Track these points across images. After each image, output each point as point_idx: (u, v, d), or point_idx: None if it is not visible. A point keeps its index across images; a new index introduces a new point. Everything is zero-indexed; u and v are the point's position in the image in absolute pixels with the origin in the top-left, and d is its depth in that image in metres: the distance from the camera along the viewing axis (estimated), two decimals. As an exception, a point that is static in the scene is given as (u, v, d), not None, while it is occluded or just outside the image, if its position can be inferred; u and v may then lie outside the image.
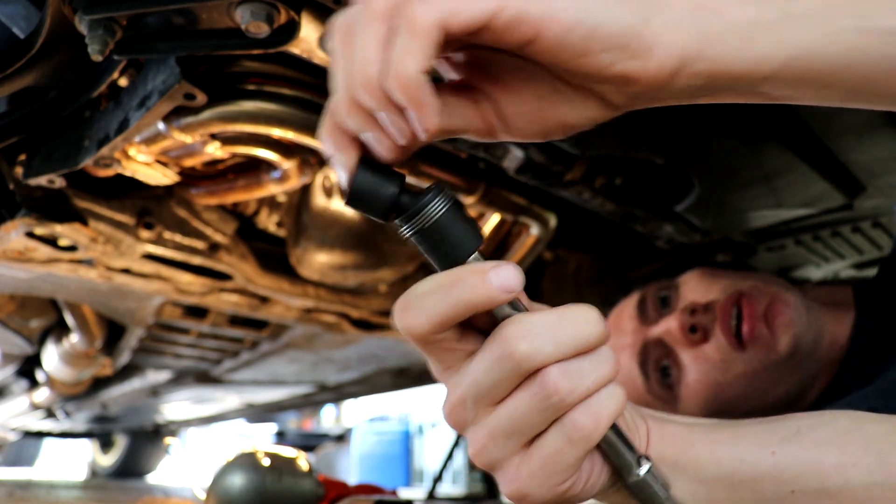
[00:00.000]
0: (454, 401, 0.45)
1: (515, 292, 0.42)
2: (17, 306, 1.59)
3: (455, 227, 0.43)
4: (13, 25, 0.81)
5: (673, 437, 0.53)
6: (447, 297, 0.42)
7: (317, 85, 0.93)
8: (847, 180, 1.12)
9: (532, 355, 0.42)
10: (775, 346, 0.95)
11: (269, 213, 1.35)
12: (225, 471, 1.48)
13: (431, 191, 0.43)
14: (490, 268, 0.42)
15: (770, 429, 0.54)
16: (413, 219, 0.42)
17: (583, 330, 0.43)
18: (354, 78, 0.39)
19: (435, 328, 0.43)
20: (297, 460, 1.54)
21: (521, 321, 0.43)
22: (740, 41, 0.40)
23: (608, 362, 0.45)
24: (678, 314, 1.02)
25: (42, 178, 0.96)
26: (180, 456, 5.94)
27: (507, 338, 0.42)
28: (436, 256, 0.43)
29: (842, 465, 0.50)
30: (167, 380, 2.20)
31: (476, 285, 0.41)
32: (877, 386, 0.90)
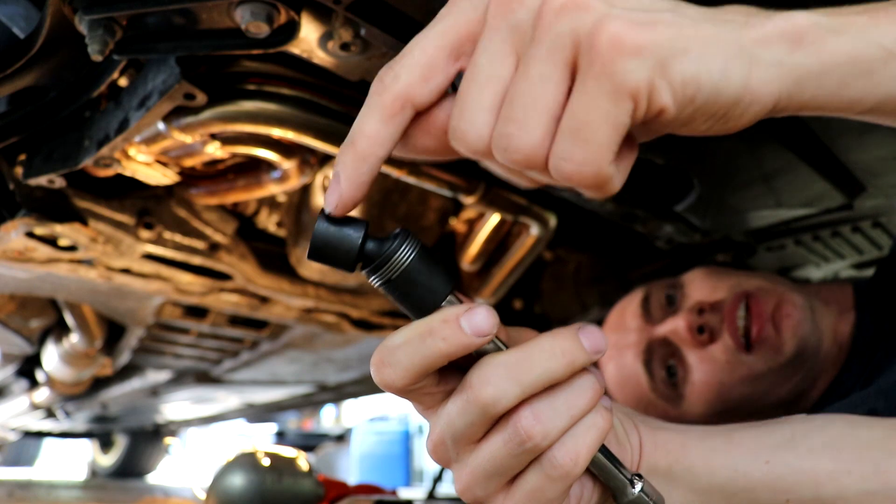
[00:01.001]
0: (434, 440, 0.46)
1: (489, 336, 0.41)
2: (18, 306, 1.59)
3: (424, 273, 0.42)
4: (13, 25, 0.81)
5: (666, 446, 0.53)
6: (420, 349, 0.42)
7: (317, 85, 0.93)
8: (847, 180, 1.12)
9: (497, 400, 0.42)
10: (781, 349, 0.95)
11: (269, 213, 1.35)
12: (225, 471, 1.48)
13: (397, 238, 0.42)
14: (461, 314, 0.41)
15: (764, 435, 0.53)
16: (380, 270, 0.41)
17: (549, 366, 0.42)
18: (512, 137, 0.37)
19: (412, 381, 0.43)
20: (297, 460, 1.54)
21: (486, 365, 0.42)
22: (837, 85, 0.38)
23: (585, 393, 0.44)
24: (686, 314, 1.01)
25: (42, 178, 0.96)
26: (180, 456, 5.93)
27: (472, 385, 0.42)
28: (407, 305, 0.43)
29: (836, 473, 0.50)
30: (167, 380, 2.20)
31: (448, 335, 0.41)
32: (878, 386, 0.90)
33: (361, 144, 0.40)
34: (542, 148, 0.36)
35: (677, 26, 0.35)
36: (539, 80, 0.36)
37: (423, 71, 0.39)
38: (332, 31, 0.71)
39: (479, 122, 0.37)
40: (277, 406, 3.03)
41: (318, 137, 0.93)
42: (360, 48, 0.73)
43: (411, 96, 0.40)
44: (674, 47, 0.34)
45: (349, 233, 0.42)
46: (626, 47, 0.34)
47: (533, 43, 0.36)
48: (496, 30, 0.38)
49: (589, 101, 0.35)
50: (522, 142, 0.36)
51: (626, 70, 0.34)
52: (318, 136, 0.93)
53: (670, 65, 0.34)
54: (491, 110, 0.37)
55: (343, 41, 0.72)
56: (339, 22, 0.71)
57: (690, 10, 0.37)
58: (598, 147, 0.35)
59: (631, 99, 0.34)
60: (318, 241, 0.41)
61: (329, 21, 0.71)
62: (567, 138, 0.35)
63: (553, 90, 0.36)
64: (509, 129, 0.36)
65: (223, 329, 1.65)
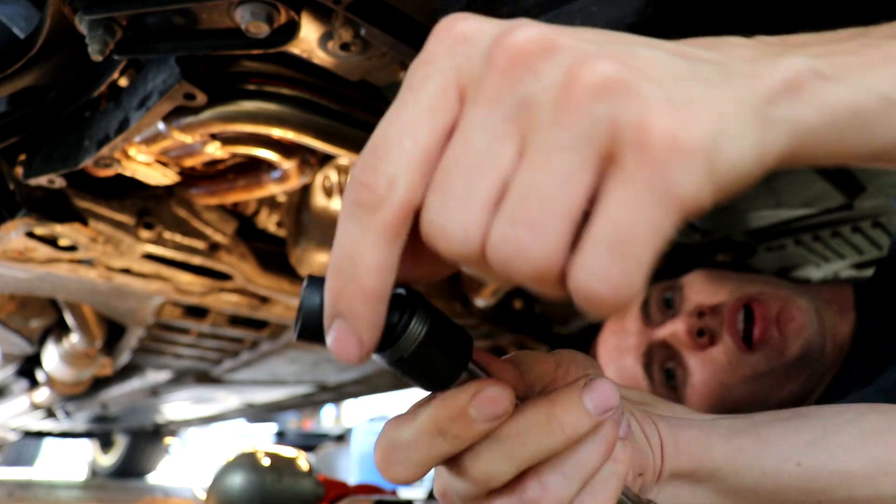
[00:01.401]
0: (439, 492, 0.43)
1: (504, 416, 0.37)
2: (18, 306, 1.59)
3: (438, 348, 0.36)
4: (13, 26, 0.81)
5: (689, 447, 0.50)
6: (432, 449, 0.38)
7: (317, 85, 0.93)
8: (847, 180, 1.12)
9: (491, 478, 0.38)
10: (785, 350, 0.95)
11: (269, 213, 1.35)
12: (225, 471, 1.48)
13: (406, 308, 0.35)
14: (469, 402, 0.36)
15: (793, 432, 0.50)
16: (389, 349, 0.35)
17: (546, 443, 0.38)
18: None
19: (423, 475, 0.39)
20: (297, 460, 1.54)
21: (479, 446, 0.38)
22: (837, 139, 0.33)
23: (597, 449, 0.39)
24: (685, 317, 1.01)
25: (42, 177, 0.96)
26: (180, 456, 5.93)
27: (463, 461, 0.39)
28: (418, 382, 0.38)
29: (871, 472, 0.48)
30: (167, 380, 2.20)
31: (460, 432, 0.37)
32: (878, 385, 0.90)
33: (370, 282, 0.31)
34: (559, 261, 0.28)
35: (711, 102, 0.29)
36: (563, 174, 0.28)
37: (424, 168, 0.30)
38: (332, 31, 0.71)
39: (469, 219, 0.29)
40: (277, 406, 3.03)
41: (318, 137, 0.93)
42: (360, 48, 0.73)
43: (416, 205, 0.31)
44: (716, 137, 0.28)
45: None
46: (681, 147, 0.27)
47: (555, 127, 0.28)
48: (496, 102, 0.29)
49: (635, 209, 0.27)
50: (535, 252, 0.28)
51: (683, 175, 0.27)
52: (318, 136, 0.93)
53: (717, 160, 0.28)
54: (485, 206, 0.29)
55: (343, 41, 0.72)
56: (339, 22, 0.71)
57: (704, 66, 0.31)
58: (638, 265, 0.27)
59: (683, 210, 0.28)
60: (309, 318, 0.35)
61: (329, 21, 0.71)
62: (602, 252, 0.28)
63: (581, 189, 0.28)
64: (517, 234, 0.28)
65: (223, 329, 1.65)
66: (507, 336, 1.73)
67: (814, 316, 0.97)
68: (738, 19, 0.70)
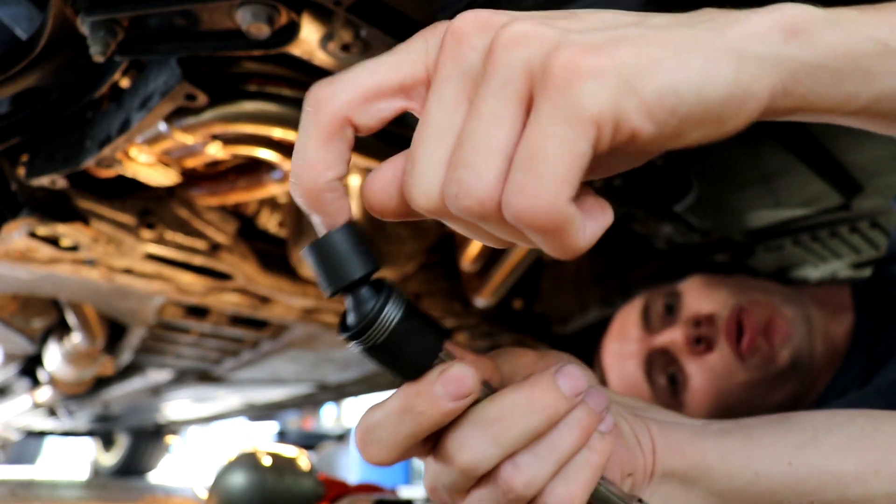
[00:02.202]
0: (428, 486, 0.45)
1: (470, 395, 0.38)
2: (20, 306, 1.60)
3: (412, 333, 0.38)
4: (15, 27, 0.81)
5: (681, 447, 0.50)
6: (401, 426, 0.39)
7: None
8: (845, 180, 1.12)
9: (478, 463, 0.40)
10: (775, 358, 0.98)
11: (269, 214, 1.35)
12: (226, 470, 1.48)
13: (381, 294, 0.38)
14: (435, 380, 0.38)
15: (784, 433, 0.51)
16: (363, 335, 0.37)
17: (529, 423, 0.39)
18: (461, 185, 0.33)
19: (399, 456, 0.41)
20: (298, 459, 1.55)
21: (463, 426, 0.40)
22: (832, 79, 0.35)
23: (571, 433, 0.41)
24: (683, 326, 1.05)
25: (44, 178, 0.97)
26: (181, 455, 5.94)
27: (450, 448, 0.40)
28: (393, 369, 0.39)
29: (862, 473, 0.48)
30: (168, 379, 2.21)
31: (425, 408, 0.38)
32: (875, 385, 0.91)
33: (307, 178, 0.37)
34: (494, 190, 0.32)
35: (643, 38, 0.32)
36: (490, 118, 0.32)
37: (367, 92, 0.36)
38: (332, 33, 0.72)
39: (430, 177, 0.34)
40: (278, 405, 3.04)
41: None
42: (361, 49, 0.74)
43: (350, 117, 0.36)
44: (640, 62, 0.31)
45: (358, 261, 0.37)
46: (583, 70, 0.31)
47: (483, 83, 0.33)
48: (447, 78, 0.34)
49: (544, 129, 0.31)
50: (472, 185, 0.32)
51: (585, 94, 0.30)
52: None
53: (640, 81, 0.31)
54: (442, 164, 0.34)
55: (343, 42, 0.72)
56: (340, 23, 0.71)
57: (658, 18, 0.35)
58: (553, 178, 0.31)
59: (593, 125, 0.31)
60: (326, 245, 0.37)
61: (329, 22, 0.71)
62: (519, 170, 0.31)
63: (505, 127, 0.32)
64: (459, 174, 0.33)
65: (224, 329, 1.66)
66: (507, 336, 1.73)
67: (800, 325, 1.00)
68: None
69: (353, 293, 0.38)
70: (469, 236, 0.38)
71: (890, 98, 0.36)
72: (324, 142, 0.36)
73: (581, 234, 0.33)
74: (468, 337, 1.71)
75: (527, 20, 0.33)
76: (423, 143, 0.35)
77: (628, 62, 0.31)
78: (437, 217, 0.36)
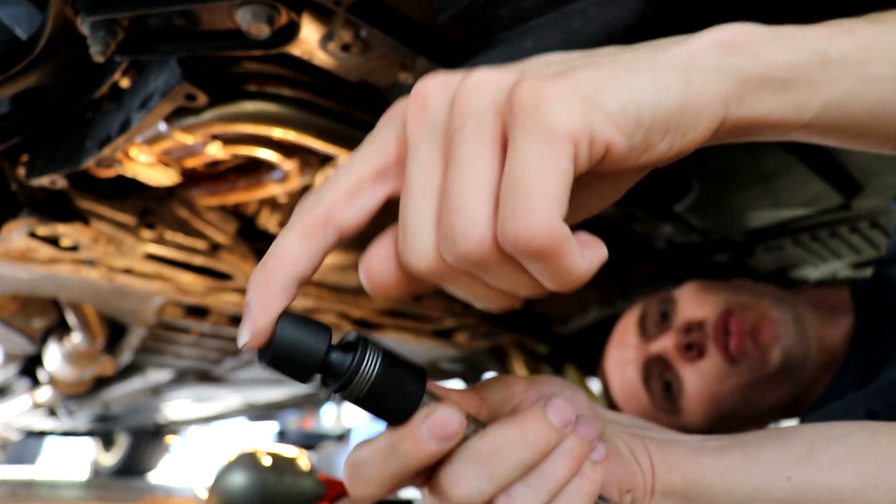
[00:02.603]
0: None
1: (454, 437, 0.39)
2: (20, 306, 1.60)
3: (392, 382, 0.39)
4: (15, 27, 0.82)
5: (680, 466, 0.50)
6: (386, 466, 0.40)
7: (317, 86, 0.93)
8: (845, 180, 1.12)
9: (470, 500, 0.40)
10: (766, 361, 1.00)
11: (270, 214, 1.35)
12: (226, 470, 1.48)
13: (358, 348, 0.38)
14: (421, 423, 0.39)
15: (782, 448, 0.51)
16: (346, 389, 0.38)
17: (522, 457, 0.40)
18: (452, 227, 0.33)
19: (386, 493, 0.41)
20: (298, 459, 1.55)
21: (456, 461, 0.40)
22: (777, 88, 0.36)
23: (563, 463, 0.41)
24: (674, 333, 1.08)
25: (44, 178, 0.97)
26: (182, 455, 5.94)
27: (443, 486, 0.40)
28: (381, 416, 0.40)
29: (861, 487, 0.48)
30: (169, 379, 2.21)
31: (410, 451, 0.39)
32: (875, 386, 0.91)
33: (271, 263, 0.37)
34: (488, 227, 0.32)
35: (594, 64, 0.34)
36: (469, 161, 0.33)
37: (347, 191, 0.37)
38: (332, 33, 0.72)
39: (422, 236, 0.34)
40: (278, 405, 3.04)
41: (319, 138, 0.94)
42: (361, 49, 0.74)
43: (333, 215, 0.37)
44: (597, 81, 0.33)
45: (314, 339, 0.37)
46: (547, 94, 0.32)
47: (455, 133, 0.34)
48: (419, 141, 0.35)
49: (524, 154, 0.32)
50: (465, 227, 0.32)
51: (555, 113, 0.32)
52: (319, 137, 0.94)
53: (601, 96, 0.33)
54: (432, 221, 0.34)
55: (343, 42, 0.72)
56: (340, 23, 0.71)
57: (604, 50, 0.37)
58: (541, 196, 0.31)
59: (570, 141, 0.32)
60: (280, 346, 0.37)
61: (329, 22, 0.71)
62: (508, 198, 0.32)
63: (486, 166, 0.33)
64: (450, 222, 0.33)
65: (224, 329, 1.66)
66: (507, 336, 1.73)
67: (790, 326, 1.01)
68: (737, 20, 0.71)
69: (325, 369, 0.39)
70: (474, 302, 0.38)
71: (839, 107, 0.37)
72: (302, 237, 0.37)
73: (579, 259, 0.33)
74: (468, 337, 1.71)
75: (483, 70, 0.34)
76: (410, 206, 0.35)
77: (586, 82, 0.33)
78: (439, 280, 0.36)
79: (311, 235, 0.37)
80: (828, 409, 0.90)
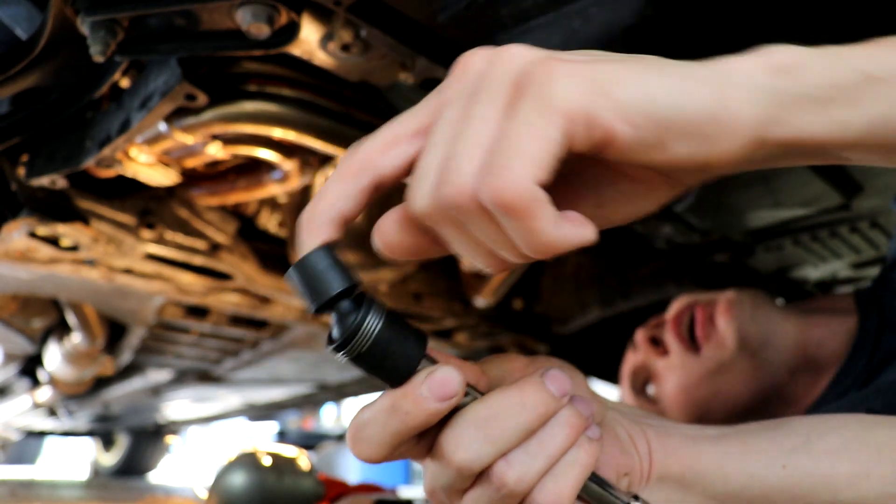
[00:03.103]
0: (427, 490, 0.46)
1: (455, 397, 0.40)
2: (20, 306, 1.60)
3: (395, 340, 0.40)
4: (15, 27, 0.82)
5: (678, 452, 0.51)
6: (388, 425, 0.41)
7: (317, 86, 0.93)
8: (844, 180, 1.12)
9: (472, 462, 0.41)
10: (723, 342, 1.05)
11: (269, 214, 1.35)
12: (226, 470, 1.48)
13: (362, 306, 0.40)
14: (422, 382, 0.40)
15: (779, 437, 0.52)
16: (348, 345, 0.39)
17: (521, 421, 0.41)
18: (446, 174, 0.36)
19: (388, 454, 0.42)
20: (298, 459, 1.55)
21: (458, 426, 0.42)
22: (818, 106, 0.37)
23: (561, 431, 0.43)
24: (642, 330, 1.17)
25: (44, 178, 0.97)
26: (182, 455, 5.94)
27: (446, 449, 0.42)
28: (380, 376, 0.41)
29: (854, 476, 0.49)
30: (168, 379, 2.21)
31: (411, 409, 0.40)
32: (875, 386, 0.91)
33: (314, 202, 0.41)
34: (473, 178, 0.35)
35: (622, 61, 0.36)
36: (477, 119, 0.36)
37: (385, 143, 0.40)
38: (332, 33, 0.72)
39: (426, 180, 0.37)
40: (278, 405, 3.04)
41: (318, 138, 0.94)
42: (361, 49, 0.74)
43: (371, 161, 0.40)
44: (615, 73, 0.35)
45: (339, 277, 0.40)
46: (559, 73, 0.35)
47: (477, 93, 0.37)
48: (452, 99, 0.39)
49: (519, 119, 0.35)
50: (453, 175, 0.35)
51: (558, 89, 0.34)
52: (318, 137, 0.94)
53: (612, 86, 0.35)
54: (437, 167, 0.37)
55: (343, 42, 0.72)
56: (340, 23, 0.71)
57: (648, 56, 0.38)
58: (521, 158, 0.34)
59: (563, 117, 0.34)
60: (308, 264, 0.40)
61: (329, 22, 0.71)
62: (493, 154, 0.35)
63: (489, 125, 0.36)
64: (445, 168, 0.36)
65: (224, 329, 1.66)
66: (507, 336, 1.73)
67: (747, 308, 1.06)
68: (737, 20, 0.71)
69: (335, 308, 0.40)
70: (466, 256, 0.40)
71: (884, 125, 0.37)
72: (341, 179, 0.41)
73: (550, 225, 0.35)
74: (468, 337, 1.71)
75: (519, 46, 0.38)
76: (425, 154, 0.38)
77: (603, 72, 0.35)
78: (432, 224, 0.38)
79: (349, 177, 0.40)
80: (828, 409, 0.91)
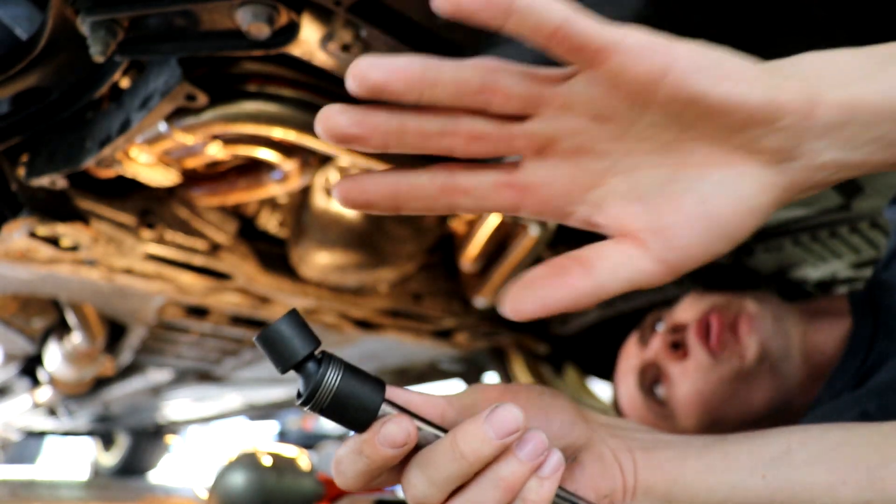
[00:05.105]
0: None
1: (405, 444, 0.43)
2: (20, 306, 1.60)
3: (352, 393, 0.44)
4: (15, 27, 0.82)
5: (662, 467, 0.52)
6: (357, 464, 0.45)
7: (317, 86, 0.93)
8: (844, 181, 1.12)
9: (425, 499, 0.44)
10: (744, 353, 1.03)
11: (270, 214, 1.35)
12: (226, 470, 1.48)
13: (320, 364, 0.43)
14: (377, 432, 0.43)
15: (760, 448, 0.53)
16: (312, 400, 0.43)
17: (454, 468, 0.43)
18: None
19: (364, 485, 0.46)
20: (298, 459, 1.55)
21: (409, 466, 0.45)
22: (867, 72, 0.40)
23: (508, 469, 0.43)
24: (662, 334, 1.14)
25: (44, 178, 0.97)
26: (182, 455, 5.94)
27: (403, 486, 0.46)
28: (346, 425, 0.45)
29: (832, 484, 0.50)
30: (169, 379, 2.21)
31: (371, 454, 0.44)
32: (869, 387, 0.91)
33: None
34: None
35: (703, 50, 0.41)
36: None
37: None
38: (332, 33, 0.72)
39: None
40: (278, 405, 3.04)
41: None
42: (361, 49, 0.74)
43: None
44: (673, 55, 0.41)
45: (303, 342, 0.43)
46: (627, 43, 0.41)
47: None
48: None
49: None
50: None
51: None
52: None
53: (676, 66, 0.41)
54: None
55: (344, 42, 0.72)
56: (340, 23, 0.71)
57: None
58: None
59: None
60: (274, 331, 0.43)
61: (330, 22, 0.71)
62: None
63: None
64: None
65: (224, 329, 1.66)
66: (507, 336, 1.73)
67: (768, 321, 1.04)
68: (737, 20, 0.71)
69: (300, 370, 0.44)
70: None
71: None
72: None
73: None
74: (468, 337, 1.71)
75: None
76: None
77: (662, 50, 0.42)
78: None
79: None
80: (822, 410, 0.91)
